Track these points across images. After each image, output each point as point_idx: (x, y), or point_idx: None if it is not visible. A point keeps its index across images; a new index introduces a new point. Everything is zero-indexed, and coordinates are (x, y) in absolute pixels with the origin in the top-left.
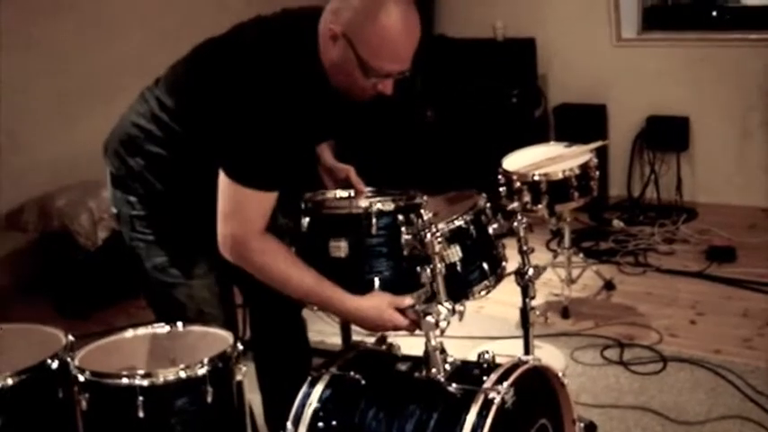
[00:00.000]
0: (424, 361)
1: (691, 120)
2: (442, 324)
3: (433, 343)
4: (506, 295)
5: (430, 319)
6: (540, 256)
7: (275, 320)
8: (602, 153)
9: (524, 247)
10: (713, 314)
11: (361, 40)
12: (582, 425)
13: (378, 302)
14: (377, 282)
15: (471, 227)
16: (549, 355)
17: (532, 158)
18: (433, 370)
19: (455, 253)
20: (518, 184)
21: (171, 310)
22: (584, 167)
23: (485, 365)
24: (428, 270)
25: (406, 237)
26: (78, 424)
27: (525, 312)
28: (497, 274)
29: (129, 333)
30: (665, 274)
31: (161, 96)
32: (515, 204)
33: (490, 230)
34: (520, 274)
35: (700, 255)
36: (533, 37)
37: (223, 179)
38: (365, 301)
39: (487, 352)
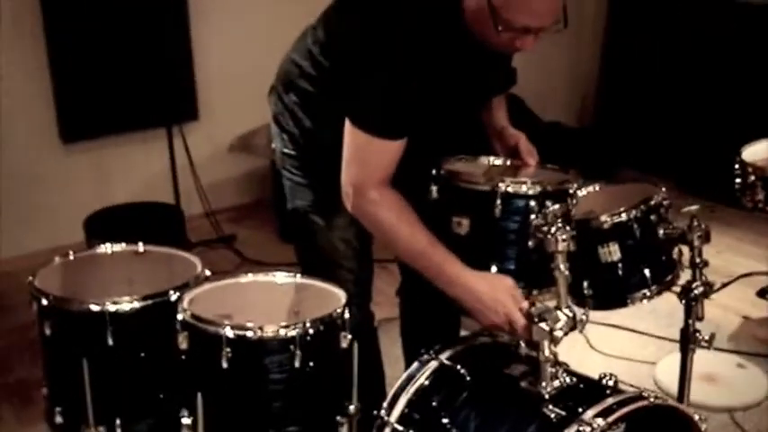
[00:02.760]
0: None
1: None
2: (557, 334)
3: (546, 354)
4: (733, 301)
5: (544, 326)
6: None
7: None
8: None
9: (697, 260)
10: None
11: None
12: None
13: (496, 283)
14: (493, 269)
15: (635, 225)
16: (750, 377)
17: None
18: (543, 383)
19: (613, 252)
20: (752, 177)
21: (307, 255)
22: None
23: (605, 390)
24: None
25: (533, 226)
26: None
27: (686, 335)
28: (661, 284)
29: (249, 277)
30: None
31: (317, 28)
32: (693, 207)
33: (660, 232)
34: (685, 290)
35: None
36: None
37: (347, 124)
38: (482, 279)
39: (611, 376)
